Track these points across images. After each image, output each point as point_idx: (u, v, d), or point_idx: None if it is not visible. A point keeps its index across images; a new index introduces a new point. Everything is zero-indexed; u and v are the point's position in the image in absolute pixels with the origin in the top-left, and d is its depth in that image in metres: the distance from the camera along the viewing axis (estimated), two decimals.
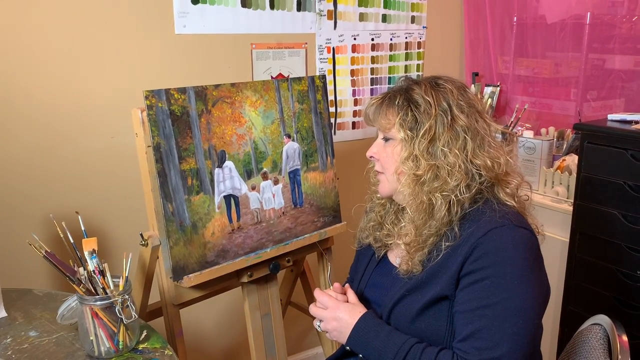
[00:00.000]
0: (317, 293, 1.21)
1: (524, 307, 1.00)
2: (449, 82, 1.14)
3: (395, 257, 1.22)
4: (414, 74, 2.44)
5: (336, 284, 1.23)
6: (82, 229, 1.26)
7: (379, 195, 1.26)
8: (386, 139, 1.18)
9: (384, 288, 1.21)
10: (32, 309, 1.40)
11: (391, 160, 1.16)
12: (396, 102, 1.14)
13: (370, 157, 1.21)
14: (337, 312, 1.15)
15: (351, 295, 1.20)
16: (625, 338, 1.09)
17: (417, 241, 1.11)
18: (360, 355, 1.13)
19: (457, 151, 1.09)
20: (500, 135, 1.77)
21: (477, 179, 1.09)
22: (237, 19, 1.93)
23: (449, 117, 1.10)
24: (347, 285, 1.27)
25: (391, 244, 1.23)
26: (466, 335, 1.01)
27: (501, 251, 1.02)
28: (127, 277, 1.22)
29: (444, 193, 1.08)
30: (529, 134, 2.18)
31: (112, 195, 1.81)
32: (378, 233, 1.26)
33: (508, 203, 1.09)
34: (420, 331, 1.09)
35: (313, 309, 1.20)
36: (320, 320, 1.19)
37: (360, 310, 1.15)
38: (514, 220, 1.06)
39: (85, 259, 1.20)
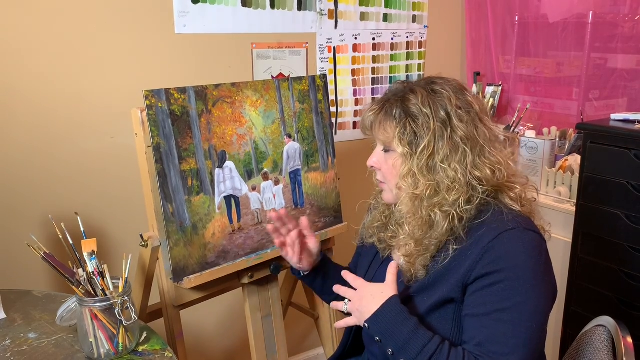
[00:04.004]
0: (347, 275, 1.14)
1: (537, 310, 1.00)
2: (446, 85, 1.10)
3: (400, 258, 1.21)
4: (415, 74, 2.43)
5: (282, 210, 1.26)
6: (82, 230, 1.26)
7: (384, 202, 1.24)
8: (386, 150, 1.15)
9: None
10: (32, 310, 1.39)
11: (392, 173, 1.14)
12: (393, 114, 1.10)
13: (371, 167, 1.19)
14: (364, 291, 1.08)
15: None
16: (630, 340, 1.08)
17: (419, 251, 1.10)
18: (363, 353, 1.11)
19: (456, 165, 1.06)
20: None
21: (478, 189, 1.07)
22: (238, 19, 1.92)
23: (449, 130, 1.07)
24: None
25: (395, 245, 1.22)
26: (482, 340, 0.99)
27: (513, 255, 1.01)
28: (127, 278, 1.22)
29: (443, 208, 1.06)
30: (531, 133, 2.17)
31: (111, 196, 1.81)
32: (382, 234, 1.24)
33: (514, 208, 1.07)
34: None
35: (342, 289, 1.13)
36: (349, 300, 1.12)
37: (383, 290, 1.06)
38: (523, 224, 1.04)
39: (85, 260, 1.20)
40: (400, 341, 1.01)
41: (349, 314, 1.12)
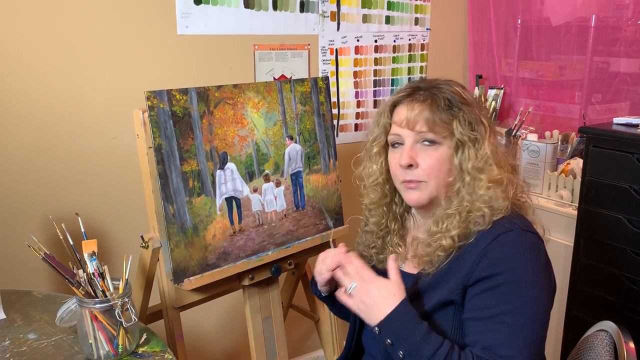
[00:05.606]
0: (349, 257, 1.09)
1: (539, 311, 1.00)
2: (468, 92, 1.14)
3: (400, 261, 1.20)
4: (417, 77, 2.43)
5: (342, 244, 1.15)
6: (82, 230, 1.25)
7: (374, 220, 1.21)
8: (430, 142, 1.08)
9: None
10: (31, 311, 1.39)
11: (442, 167, 1.08)
12: (443, 105, 1.07)
13: (409, 165, 1.08)
14: (372, 286, 1.05)
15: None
16: (632, 345, 1.08)
17: (428, 251, 1.09)
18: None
19: (500, 158, 1.08)
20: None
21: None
22: (240, 20, 1.92)
23: (488, 124, 1.10)
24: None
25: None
26: (488, 343, 0.99)
27: (513, 257, 1.01)
28: (127, 279, 1.21)
29: (499, 201, 1.05)
30: (533, 137, 2.17)
31: (112, 197, 1.80)
32: (381, 256, 1.21)
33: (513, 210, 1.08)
34: None
35: (351, 270, 1.07)
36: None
37: (395, 292, 1.03)
38: (521, 225, 1.04)
39: (85, 261, 1.19)
40: (413, 345, 1.00)
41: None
